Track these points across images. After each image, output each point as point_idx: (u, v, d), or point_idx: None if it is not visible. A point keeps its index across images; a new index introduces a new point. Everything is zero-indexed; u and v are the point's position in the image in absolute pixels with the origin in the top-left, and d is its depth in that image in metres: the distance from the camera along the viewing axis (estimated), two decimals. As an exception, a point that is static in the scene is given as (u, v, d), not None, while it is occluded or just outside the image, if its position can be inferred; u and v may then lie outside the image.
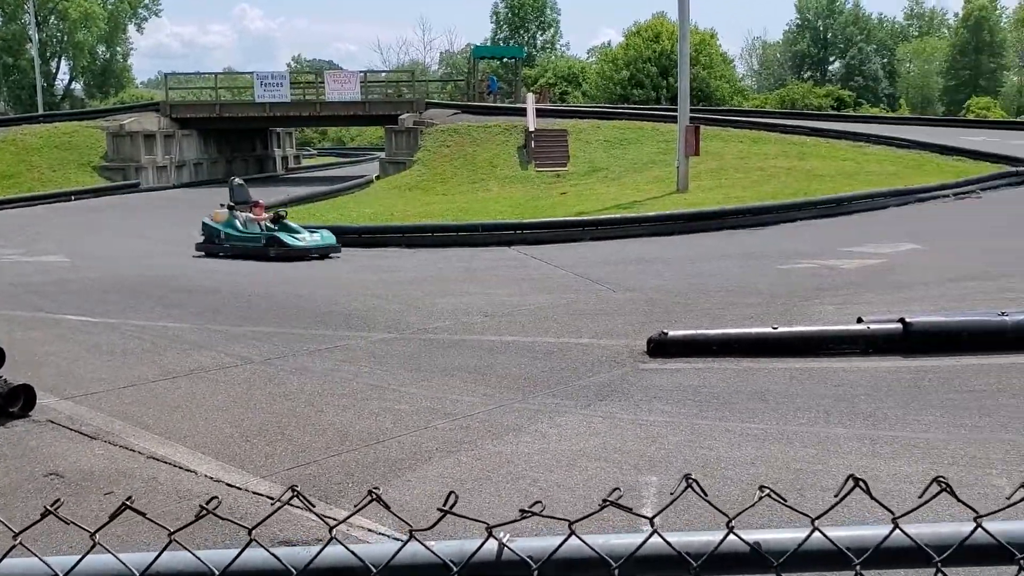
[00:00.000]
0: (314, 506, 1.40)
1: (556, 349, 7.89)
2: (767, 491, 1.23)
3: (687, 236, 16.37)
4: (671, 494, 1.26)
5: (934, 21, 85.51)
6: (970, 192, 20.46)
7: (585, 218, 18.08)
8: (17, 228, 20.97)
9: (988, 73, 71.58)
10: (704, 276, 11.77)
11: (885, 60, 78.84)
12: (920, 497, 1.22)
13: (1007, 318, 7.37)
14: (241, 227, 16.09)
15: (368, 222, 19.72)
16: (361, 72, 38.80)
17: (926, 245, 13.65)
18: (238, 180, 17.67)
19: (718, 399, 6.20)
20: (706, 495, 1.22)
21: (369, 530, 4.21)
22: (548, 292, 11.04)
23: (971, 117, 49.27)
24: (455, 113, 34.16)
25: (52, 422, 6.09)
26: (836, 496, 1.24)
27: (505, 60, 53.41)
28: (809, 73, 78.61)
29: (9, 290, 12.10)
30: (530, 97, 34.87)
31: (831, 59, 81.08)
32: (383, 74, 60.75)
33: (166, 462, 5.29)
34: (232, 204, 16.39)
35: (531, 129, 29.19)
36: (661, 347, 7.47)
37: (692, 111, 28.22)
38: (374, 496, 1.26)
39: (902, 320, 7.37)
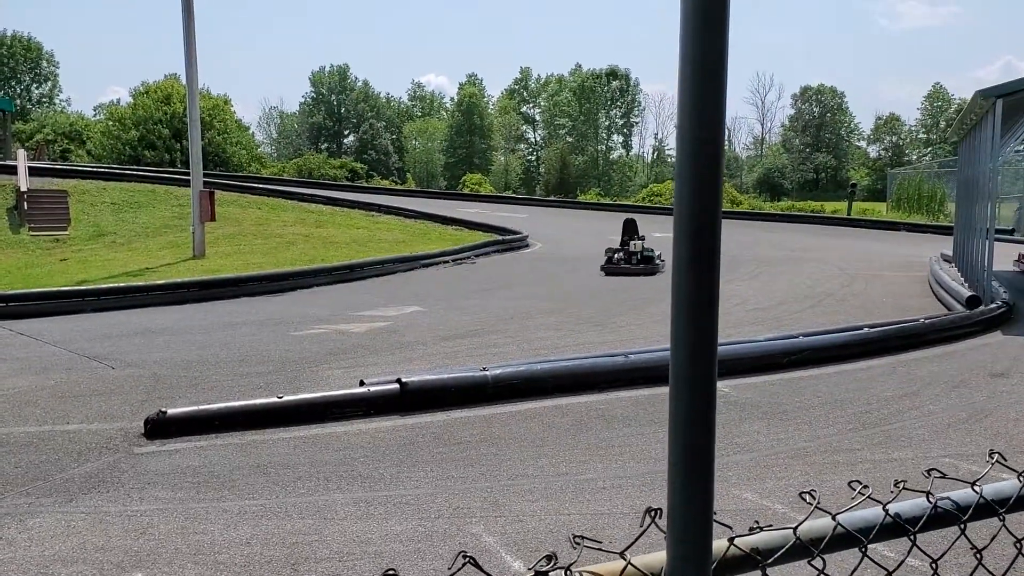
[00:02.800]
0: None
1: (36, 440, 6.95)
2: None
3: (202, 304, 15.74)
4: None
5: (434, 104, 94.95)
6: (466, 258, 22.81)
7: (87, 287, 16.53)
8: None
9: (480, 152, 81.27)
10: (216, 346, 11.36)
11: (394, 136, 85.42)
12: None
13: (488, 372, 8.21)
14: None
15: None
16: None
17: (427, 307, 14.80)
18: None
19: (218, 478, 5.93)
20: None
21: None
22: (34, 373, 9.76)
23: (467, 191, 55.30)
24: (-78, 168, 29.36)
25: None
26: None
27: (-8, 112, 47.21)
28: (326, 144, 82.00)
29: None
30: (21, 153, 31.32)
31: (346, 132, 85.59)
32: None
33: None
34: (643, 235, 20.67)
35: (23, 189, 26.39)
36: (160, 427, 6.98)
37: (208, 176, 27.70)
38: None
39: (399, 380, 7.81)
